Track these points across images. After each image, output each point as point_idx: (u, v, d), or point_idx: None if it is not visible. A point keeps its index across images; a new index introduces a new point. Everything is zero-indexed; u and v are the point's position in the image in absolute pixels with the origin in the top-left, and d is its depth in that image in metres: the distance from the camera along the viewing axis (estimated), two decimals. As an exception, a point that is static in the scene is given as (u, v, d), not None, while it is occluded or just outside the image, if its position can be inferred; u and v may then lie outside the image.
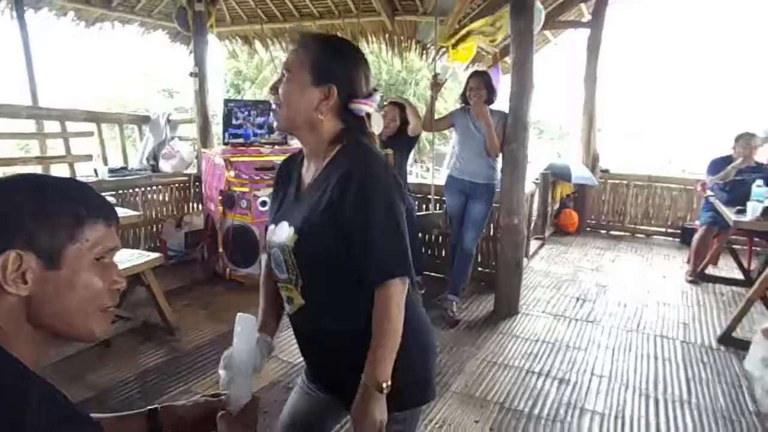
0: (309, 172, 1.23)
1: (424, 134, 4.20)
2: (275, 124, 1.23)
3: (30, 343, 0.73)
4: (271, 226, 1.24)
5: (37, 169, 3.94)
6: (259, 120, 4.38)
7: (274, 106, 1.20)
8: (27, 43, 4.42)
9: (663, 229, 6.31)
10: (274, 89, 1.19)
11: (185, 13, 4.76)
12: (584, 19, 6.27)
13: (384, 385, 1.10)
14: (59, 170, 4.30)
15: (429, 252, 4.69)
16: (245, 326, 1.09)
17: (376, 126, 1.22)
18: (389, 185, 1.13)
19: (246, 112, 4.33)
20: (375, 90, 1.21)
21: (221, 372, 1.09)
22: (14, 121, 4.44)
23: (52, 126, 4.59)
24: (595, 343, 3.33)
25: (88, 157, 4.71)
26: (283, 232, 1.18)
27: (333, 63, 1.15)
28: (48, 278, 0.71)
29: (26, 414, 0.64)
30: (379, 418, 1.11)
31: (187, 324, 3.39)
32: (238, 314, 1.08)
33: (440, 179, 4.65)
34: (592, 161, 6.33)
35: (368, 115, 1.20)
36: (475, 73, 3.73)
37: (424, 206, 4.45)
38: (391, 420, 1.15)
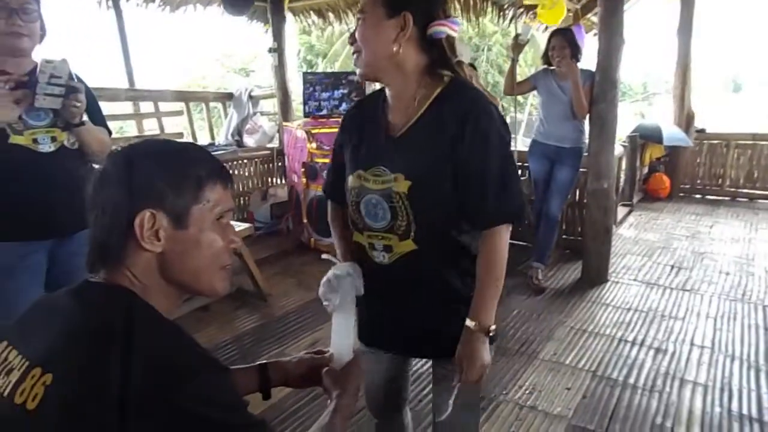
0: (398, 115, 1.17)
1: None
2: (358, 72, 1.18)
3: (164, 296, 0.78)
4: (358, 172, 1.18)
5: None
6: (324, 95, 4.38)
7: (354, 56, 1.16)
8: (123, 31, 4.69)
9: (770, 193, 5.77)
10: (352, 38, 1.16)
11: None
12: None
13: (490, 329, 1.12)
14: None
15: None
16: (342, 281, 1.12)
17: (463, 54, 1.18)
18: (502, 127, 1.12)
19: (312, 88, 4.34)
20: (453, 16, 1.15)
21: (324, 288, 1.14)
22: (112, 103, 4.77)
23: (145, 107, 4.88)
24: (693, 312, 3.14)
25: (179, 135, 5.00)
26: (383, 179, 1.14)
27: None
28: (177, 237, 0.76)
29: (174, 355, 0.70)
30: (486, 361, 1.13)
31: (277, 291, 3.55)
32: (332, 270, 1.13)
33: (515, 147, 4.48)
34: (686, 121, 5.86)
35: (450, 42, 1.14)
36: (557, 32, 3.52)
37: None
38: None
